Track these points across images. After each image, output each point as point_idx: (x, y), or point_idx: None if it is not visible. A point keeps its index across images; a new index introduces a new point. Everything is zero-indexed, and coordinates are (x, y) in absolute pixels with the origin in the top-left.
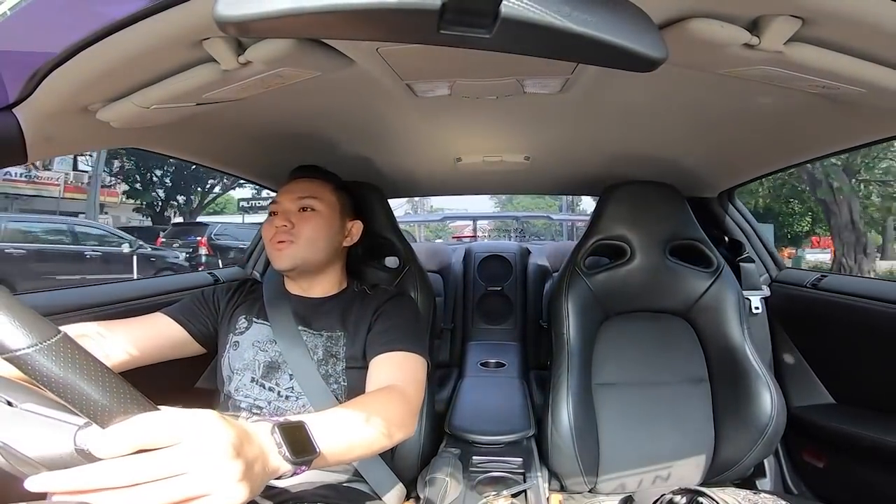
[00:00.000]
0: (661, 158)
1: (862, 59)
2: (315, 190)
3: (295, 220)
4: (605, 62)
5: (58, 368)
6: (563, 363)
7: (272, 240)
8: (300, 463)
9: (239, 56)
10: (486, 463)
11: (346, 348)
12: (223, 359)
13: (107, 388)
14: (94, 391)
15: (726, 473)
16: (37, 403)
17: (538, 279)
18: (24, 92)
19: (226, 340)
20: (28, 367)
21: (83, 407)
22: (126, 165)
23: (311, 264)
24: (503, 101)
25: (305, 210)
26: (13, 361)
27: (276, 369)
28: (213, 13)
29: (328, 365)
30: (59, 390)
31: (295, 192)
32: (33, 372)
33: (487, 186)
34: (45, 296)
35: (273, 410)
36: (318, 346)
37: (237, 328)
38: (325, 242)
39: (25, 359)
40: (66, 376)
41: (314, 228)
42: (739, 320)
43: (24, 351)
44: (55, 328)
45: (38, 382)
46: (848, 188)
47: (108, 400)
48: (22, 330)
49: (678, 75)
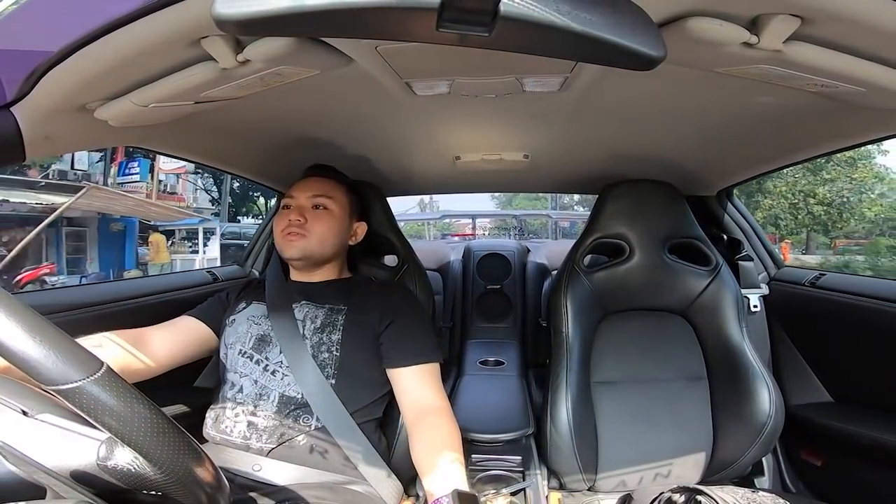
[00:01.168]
0: (660, 157)
1: (861, 58)
2: (329, 189)
3: (308, 217)
4: (605, 61)
5: (104, 401)
6: (561, 361)
7: (283, 231)
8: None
9: (237, 54)
10: (485, 461)
11: (345, 319)
12: (221, 338)
13: (146, 418)
14: (137, 423)
15: (725, 472)
16: (52, 414)
17: (537, 277)
18: (22, 90)
19: (225, 322)
20: (75, 400)
21: (126, 438)
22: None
23: (317, 258)
24: (502, 99)
25: (318, 208)
26: (61, 394)
27: (267, 342)
28: (211, 12)
29: (323, 333)
30: (103, 422)
31: (310, 189)
32: (80, 405)
33: (486, 185)
34: (48, 294)
35: (258, 391)
36: (318, 316)
37: (236, 309)
38: (333, 240)
39: (72, 393)
40: (111, 408)
41: (326, 226)
42: (738, 318)
43: (72, 385)
44: (99, 361)
45: (85, 415)
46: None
47: (147, 428)
48: (71, 365)
49: (677, 74)
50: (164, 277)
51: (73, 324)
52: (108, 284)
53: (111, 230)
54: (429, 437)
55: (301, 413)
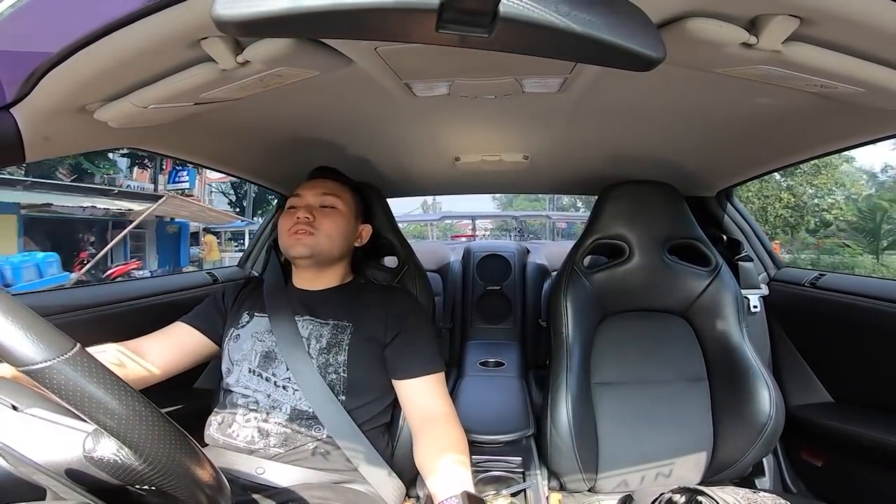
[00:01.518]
0: (660, 158)
1: (860, 59)
2: (337, 189)
3: (317, 215)
4: (604, 61)
5: (75, 381)
6: (561, 362)
7: (291, 229)
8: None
9: (237, 56)
10: (485, 462)
11: (351, 337)
12: (224, 352)
13: (123, 400)
14: (111, 403)
15: (725, 472)
16: (42, 408)
17: (537, 278)
18: (22, 92)
19: (228, 334)
20: (46, 380)
21: (99, 419)
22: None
23: (325, 257)
24: (502, 100)
25: (326, 207)
26: (31, 375)
27: (272, 359)
28: (211, 13)
29: (329, 354)
30: (75, 403)
31: (318, 188)
32: (51, 386)
33: (486, 186)
34: (47, 295)
35: (271, 403)
36: (323, 335)
37: (239, 322)
38: (341, 240)
39: (43, 373)
40: (83, 389)
41: (334, 225)
42: (738, 319)
43: (42, 365)
44: (71, 341)
45: (56, 395)
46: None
47: (124, 410)
48: (40, 344)
49: (676, 75)
50: (164, 279)
51: (74, 325)
52: (108, 286)
53: (167, 232)
54: (436, 442)
55: (312, 423)
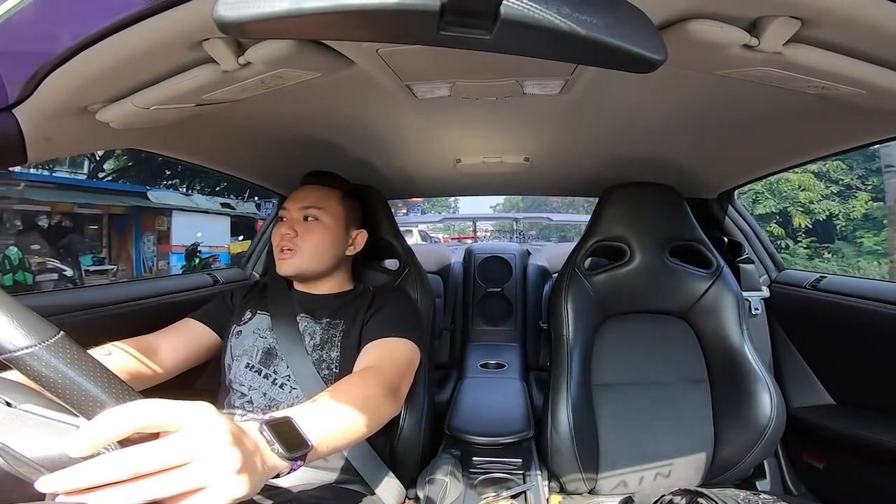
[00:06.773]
0: (661, 159)
1: (861, 61)
2: (321, 199)
3: (299, 230)
4: (605, 63)
5: (57, 368)
6: (562, 364)
7: (277, 246)
8: (295, 458)
9: (239, 57)
10: (485, 464)
11: (342, 334)
12: (226, 347)
13: (107, 388)
14: (94, 391)
15: (726, 474)
16: (36, 405)
17: (538, 280)
18: (24, 92)
19: (231, 330)
20: (27, 367)
21: (83, 408)
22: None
23: (314, 272)
24: (503, 102)
25: (308, 219)
26: (12, 362)
27: (273, 356)
28: (212, 14)
29: (323, 350)
30: (58, 391)
31: (301, 200)
32: (32, 373)
33: (487, 188)
34: (47, 296)
35: (267, 402)
36: (317, 332)
37: (242, 319)
38: (327, 253)
39: (24, 359)
40: (65, 376)
41: (317, 239)
42: (739, 321)
43: (24, 351)
44: (54, 328)
45: (38, 383)
46: None
47: (108, 398)
48: (21, 330)
49: (678, 76)
50: (165, 280)
51: (75, 325)
52: (110, 287)
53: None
54: (340, 384)
55: None
